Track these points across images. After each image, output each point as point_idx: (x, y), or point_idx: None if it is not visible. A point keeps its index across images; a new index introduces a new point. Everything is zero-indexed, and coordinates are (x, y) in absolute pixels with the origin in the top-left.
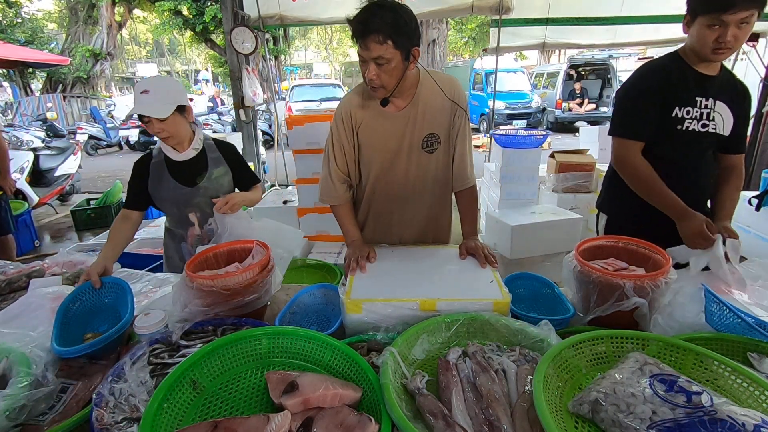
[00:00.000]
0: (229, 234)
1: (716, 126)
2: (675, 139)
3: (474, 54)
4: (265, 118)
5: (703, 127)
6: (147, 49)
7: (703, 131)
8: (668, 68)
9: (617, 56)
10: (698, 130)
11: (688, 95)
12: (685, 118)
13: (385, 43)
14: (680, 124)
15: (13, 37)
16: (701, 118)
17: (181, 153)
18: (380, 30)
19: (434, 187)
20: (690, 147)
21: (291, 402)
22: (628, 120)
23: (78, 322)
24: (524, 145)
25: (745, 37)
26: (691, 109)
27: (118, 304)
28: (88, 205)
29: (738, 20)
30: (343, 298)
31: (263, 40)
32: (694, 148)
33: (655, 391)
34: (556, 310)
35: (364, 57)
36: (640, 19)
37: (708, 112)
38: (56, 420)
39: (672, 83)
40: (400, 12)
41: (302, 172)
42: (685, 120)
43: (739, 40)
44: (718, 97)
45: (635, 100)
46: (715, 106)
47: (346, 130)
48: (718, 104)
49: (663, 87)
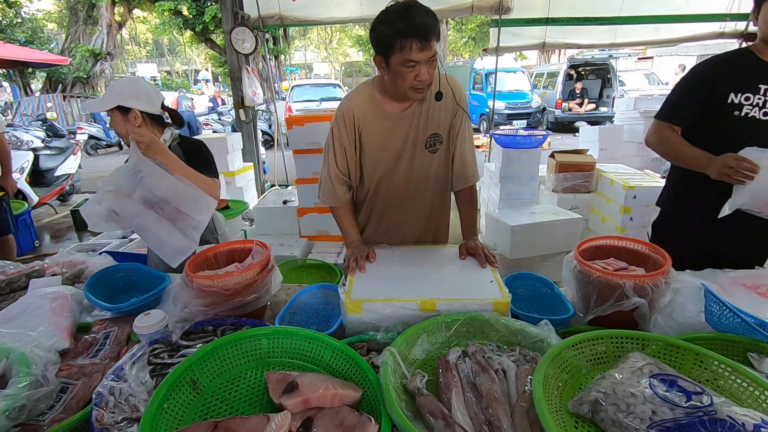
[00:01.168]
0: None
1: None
2: (733, 125)
3: (474, 54)
4: (265, 118)
5: (765, 115)
6: (147, 49)
7: (765, 119)
8: (725, 58)
9: (617, 56)
10: (759, 117)
11: (748, 82)
12: (744, 105)
13: (437, 39)
14: (738, 110)
15: (13, 37)
16: (764, 105)
17: None
18: (436, 28)
19: (435, 186)
20: (751, 136)
21: (291, 402)
22: (667, 105)
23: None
24: (524, 145)
25: None
26: (752, 96)
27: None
28: None
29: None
30: (343, 298)
31: (263, 40)
32: (756, 137)
33: (655, 391)
34: (556, 310)
35: (419, 59)
36: (640, 19)
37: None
38: (56, 420)
39: (728, 70)
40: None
41: (302, 172)
42: (744, 106)
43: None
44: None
45: (678, 89)
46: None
47: (348, 130)
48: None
49: (715, 75)
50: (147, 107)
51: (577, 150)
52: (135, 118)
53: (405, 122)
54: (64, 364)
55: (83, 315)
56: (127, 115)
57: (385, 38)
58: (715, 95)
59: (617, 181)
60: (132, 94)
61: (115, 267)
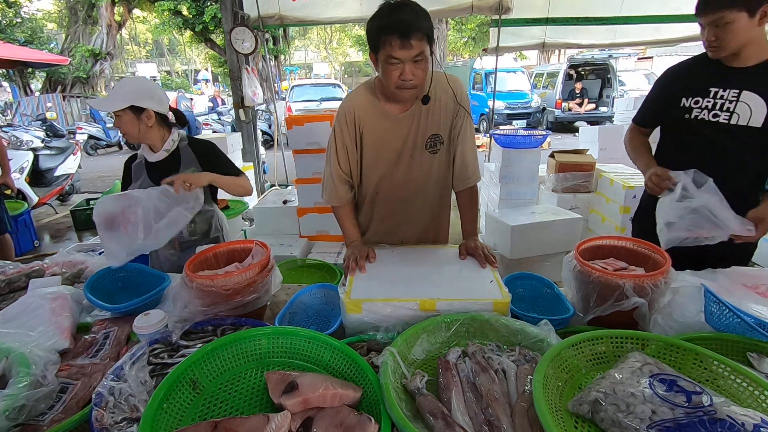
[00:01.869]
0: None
1: (739, 118)
2: (686, 128)
3: (474, 54)
4: (264, 118)
5: (714, 117)
6: (147, 49)
7: (713, 121)
8: (687, 63)
9: (617, 56)
10: (708, 119)
11: (699, 86)
12: (693, 108)
13: (423, 39)
14: (688, 114)
15: (13, 37)
16: (713, 108)
17: (155, 154)
18: (421, 27)
19: (436, 187)
20: (702, 136)
21: (291, 402)
22: (639, 109)
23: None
24: (524, 145)
25: (733, 36)
26: (701, 99)
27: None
28: (87, 205)
29: (712, 20)
30: (343, 298)
31: (263, 40)
32: (705, 138)
33: (654, 391)
34: (556, 310)
35: (401, 57)
36: (640, 19)
37: (722, 103)
38: (56, 420)
39: (683, 76)
40: (423, 9)
41: (302, 172)
42: (694, 110)
43: (724, 39)
44: (747, 88)
45: (648, 94)
46: (740, 96)
47: (350, 129)
48: (746, 94)
49: (671, 82)
50: (159, 107)
51: (576, 150)
52: (148, 118)
53: (405, 123)
54: (63, 364)
55: (83, 315)
56: (140, 115)
57: (371, 35)
58: (671, 101)
59: (617, 181)
60: (146, 94)
61: (114, 267)
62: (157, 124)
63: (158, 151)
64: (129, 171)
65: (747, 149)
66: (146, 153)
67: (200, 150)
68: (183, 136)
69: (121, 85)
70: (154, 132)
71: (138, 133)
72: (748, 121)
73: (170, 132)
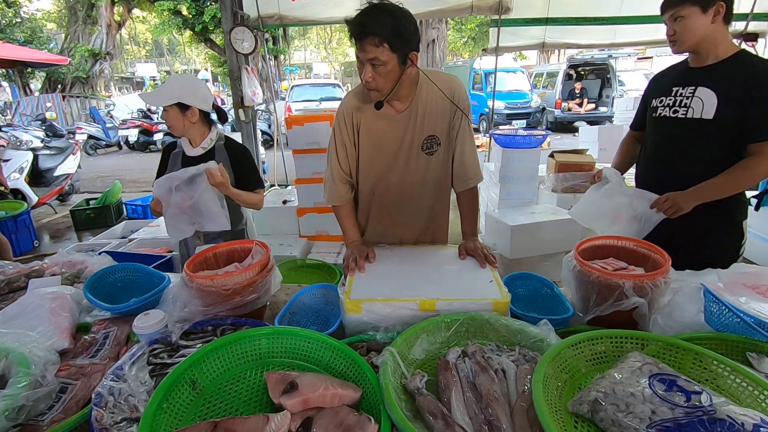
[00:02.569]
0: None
1: (693, 111)
2: (652, 125)
3: (474, 54)
4: (264, 118)
5: (674, 113)
6: (146, 48)
7: (672, 116)
8: (663, 70)
9: (617, 56)
10: (668, 115)
11: (664, 87)
12: (658, 107)
13: (381, 45)
14: (655, 112)
15: (13, 37)
16: (673, 105)
17: (194, 149)
18: (376, 33)
19: (433, 188)
20: (663, 132)
21: (290, 402)
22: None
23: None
24: (524, 145)
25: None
26: (665, 98)
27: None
28: (87, 205)
29: (671, 16)
30: (343, 298)
31: (263, 39)
32: (666, 133)
33: (654, 391)
34: (556, 310)
35: (359, 58)
36: (639, 19)
37: (681, 100)
38: (56, 420)
39: (656, 80)
40: (399, 15)
41: (302, 172)
42: (658, 108)
43: (681, 33)
44: (702, 84)
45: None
46: (696, 92)
47: (348, 129)
48: (701, 90)
49: (649, 86)
50: (203, 106)
51: (576, 150)
52: (192, 114)
53: (401, 124)
54: (63, 364)
55: (83, 315)
56: (185, 112)
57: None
58: (646, 104)
59: None
60: (192, 92)
61: (114, 267)
62: (200, 121)
63: (196, 147)
64: (166, 158)
65: (700, 140)
66: (185, 146)
67: (234, 152)
68: (221, 136)
69: (172, 82)
70: (196, 128)
71: (182, 128)
72: (701, 114)
73: (210, 129)
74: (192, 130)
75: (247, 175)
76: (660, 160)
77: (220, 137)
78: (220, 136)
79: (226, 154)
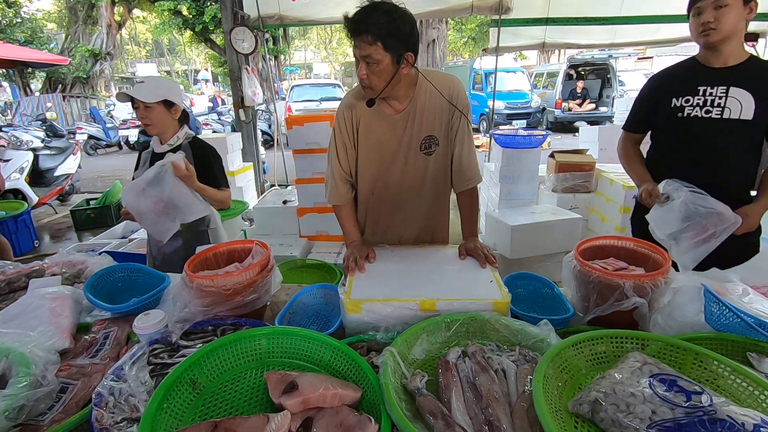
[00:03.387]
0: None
1: (730, 112)
2: (679, 126)
3: (474, 54)
4: (264, 118)
5: (707, 113)
6: (147, 49)
7: (706, 117)
8: (670, 69)
9: (617, 56)
10: (701, 116)
11: (687, 86)
12: (685, 107)
13: (374, 44)
14: (681, 112)
15: (13, 37)
16: (704, 105)
17: (161, 146)
18: (370, 31)
19: (432, 188)
20: (695, 133)
21: (291, 402)
22: (628, 116)
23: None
24: (524, 145)
25: (729, 20)
26: (691, 97)
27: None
28: (87, 205)
29: (711, 2)
30: (343, 298)
31: (263, 40)
32: (699, 133)
33: (654, 391)
34: (556, 310)
35: (355, 53)
36: (640, 19)
37: (713, 99)
38: (56, 420)
39: (668, 79)
40: (395, 15)
41: (302, 172)
42: (686, 108)
43: (721, 21)
44: (733, 84)
45: (635, 100)
46: (729, 92)
47: (348, 128)
48: (734, 90)
49: (660, 85)
50: (182, 105)
51: (576, 150)
52: (176, 112)
53: (400, 124)
54: (63, 364)
55: (83, 315)
56: (170, 109)
57: None
58: (661, 103)
59: (617, 180)
60: (174, 91)
61: (114, 267)
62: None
63: (164, 143)
64: (139, 158)
65: (738, 143)
66: (155, 144)
67: (198, 151)
68: (189, 135)
69: (158, 82)
70: (174, 126)
71: (164, 126)
72: (740, 115)
73: (180, 129)
74: (170, 127)
75: (213, 173)
76: (686, 162)
77: (188, 137)
78: (188, 136)
79: (191, 152)
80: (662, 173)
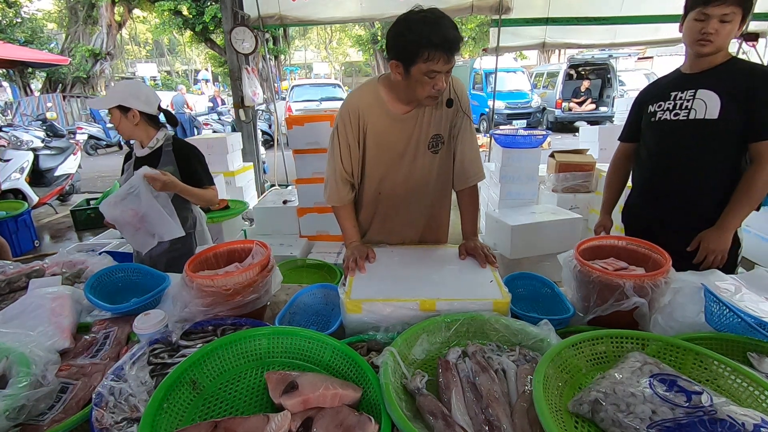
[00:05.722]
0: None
1: (696, 113)
2: (651, 130)
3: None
4: (264, 118)
5: (675, 116)
6: (147, 48)
7: (673, 119)
8: (655, 80)
9: (617, 56)
10: (669, 119)
11: (662, 92)
12: (657, 111)
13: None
14: (653, 117)
15: (13, 37)
16: (673, 108)
17: (142, 149)
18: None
19: (436, 186)
20: (664, 135)
21: (291, 402)
22: (623, 127)
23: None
24: (524, 145)
25: (727, 35)
26: (663, 102)
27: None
28: (87, 205)
29: (719, 14)
30: (343, 298)
31: (263, 40)
32: (668, 136)
33: (654, 391)
34: (556, 310)
35: (442, 70)
36: (640, 19)
37: (681, 103)
38: (56, 420)
39: (651, 89)
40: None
41: (302, 172)
42: (657, 113)
43: (721, 35)
44: (702, 87)
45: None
46: (696, 94)
47: (353, 127)
48: (701, 92)
49: (642, 95)
50: (145, 108)
51: (577, 150)
52: (133, 116)
53: (409, 123)
54: (63, 364)
55: (83, 315)
56: (126, 114)
57: (411, 47)
58: (643, 111)
59: None
60: (132, 94)
61: (115, 267)
62: (143, 123)
63: (144, 147)
64: (123, 164)
65: (704, 144)
66: (137, 148)
67: (180, 153)
68: (168, 137)
69: (114, 87)
70: (140, 130)
71: (126, 130)
72: (705, 115)
73: (157, 131)
74: (137, 132)
75: (196, 173)
76: (660, 165)
77: (168, 138)
78: (167, 138)
79: (173, 154)
80: (639, 178)
